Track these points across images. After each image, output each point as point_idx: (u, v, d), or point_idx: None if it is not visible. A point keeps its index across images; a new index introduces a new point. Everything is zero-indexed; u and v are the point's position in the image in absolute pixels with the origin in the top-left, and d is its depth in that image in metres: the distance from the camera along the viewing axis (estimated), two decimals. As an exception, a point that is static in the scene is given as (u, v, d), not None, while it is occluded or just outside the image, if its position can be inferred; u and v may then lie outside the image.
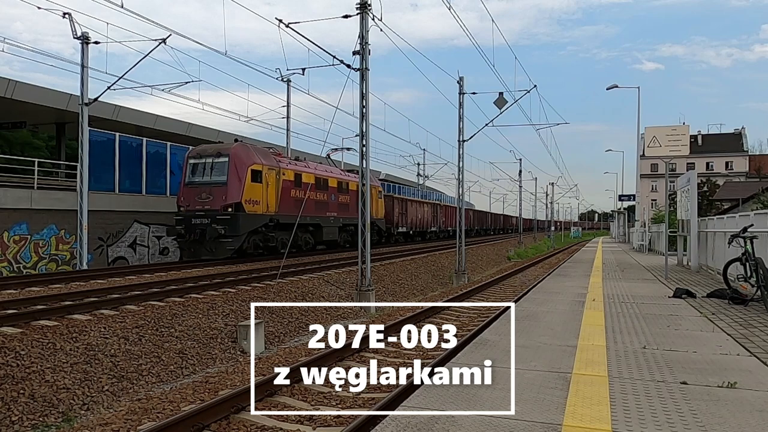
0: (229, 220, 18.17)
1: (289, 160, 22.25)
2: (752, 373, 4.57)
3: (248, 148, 19.97)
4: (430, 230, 42.25)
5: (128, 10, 14.11)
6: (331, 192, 24.57)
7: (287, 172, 21.33)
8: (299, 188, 21.96)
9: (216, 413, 6.18)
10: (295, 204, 20.91)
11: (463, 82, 23.41)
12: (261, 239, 20.00)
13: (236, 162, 18.88)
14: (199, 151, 19.79)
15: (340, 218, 25.27)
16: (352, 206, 25.75)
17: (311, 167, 23.67)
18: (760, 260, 8.32)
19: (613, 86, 33.20)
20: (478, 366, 4.81)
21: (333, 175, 25.41)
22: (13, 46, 52.74)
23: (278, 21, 14.43)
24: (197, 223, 18.20)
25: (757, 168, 73.21)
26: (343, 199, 25.73)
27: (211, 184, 18.81)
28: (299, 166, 22.63)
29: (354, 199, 25.51)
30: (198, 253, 18.49)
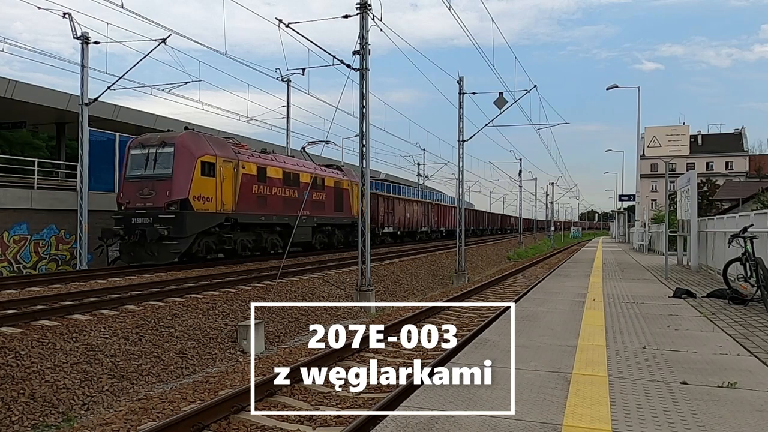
0: (173, 219, 16.04)
1: (251, 152, 19.91)
2: (752, 373, 4.57)
3: (199, 137, 17.65)
4: (421, 230, 40.54)
5: (128, 10, 14.13)
6: (303, 188, 21.89)
7: (248, 165, 18.96)
8: (263, 183, 19.71)
9: (216, 413, 6.18)
10: (258, 201, 19.20)
11: (463, 82, 23.41)
12: (215, 241, 17.82)
13: (183, 152, 16.64)
14: (142, 141, 17.41)
15: (313, 218, 23.20)
16: (329, 204, 24.42)
17: (279, 160, 21.35)
18: (760, 260, 8.32)
19: (613, 86, 33.21)
20: (478, 366, 4.81)
21: (306, 170, 23.01)
22: (13, 46, 52.75)
23: (278, 21, 14.44)
24: (138, 222, 16.10)
25: (757, 168, 73.23)
26: (318, 197, 23.57)
27: (154, 178, 16.55)
28: (264, 159, 20.24)
29: (331, 196, 24.34)
30: (139, 257, 16.30)
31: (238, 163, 18.50)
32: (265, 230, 20.28)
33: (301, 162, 23.36)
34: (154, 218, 16.00)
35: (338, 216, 25.58)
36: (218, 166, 17.50)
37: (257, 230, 19.81)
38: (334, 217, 24.97)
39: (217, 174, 17.47)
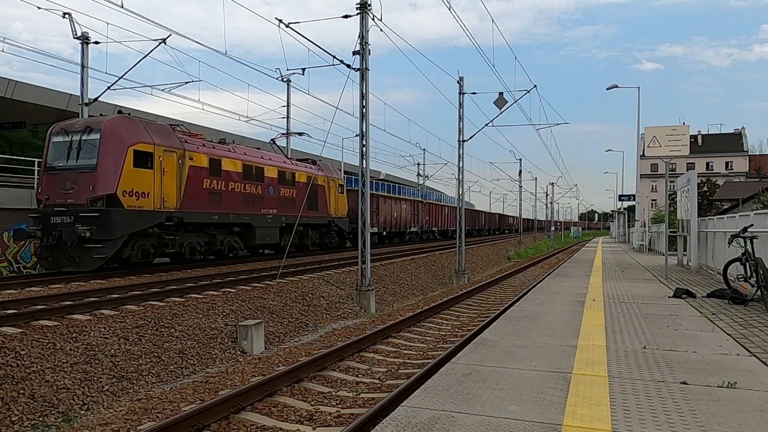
0: (97, 218, 13.68)
1: (203, 141, 17.55)
2: (752, 373, 4.57)
3: (132, 122, 15.10)
4: (410, 230, 38.05)
5: (128, 10, 14.13)
6: (268, 184, 20.06)
7: (197, 157, 16.66)
8: (217, 178, 17.46)
9: (216, 413, 6.18)
10: (211, 198, 17.07)
11: (463, 82, 23.42)
12: (155, 244, 15.57)
13: (111, 140, 14.19)
14: (65, 126, 15.01)
15: (281, 216, 20.84)
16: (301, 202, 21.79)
17: (238, 152, 19.00)
18: (760, 260, 8.33)
19: (613, 86, 33.22)
20: (478, 366, 4.82)
21: (272, 163, 20.67)
22: (13, 46, 52.76)
23: (278, 21, 14.44)
24: (57, 222, 13.80)
25: (757, 168, 73.25)
26: (287, 193, 21.34)
27: (76, 170, 14.21)
28: (219, 150, 17.92)
29: (302, 193, 21.94)
30: (58, 262, 13.98)
31: (184, 153, 16.10)
32: (221, 231, 17.99)
33: (266, 155, 20.98)
34: (75, 217, 13.70)
35: (312, 215, 23.40)
36: (157, 157, 15.14)
37: (210, 231, 17.57)
38: (307, 216, 22.50)
39: (156, 166, 15.11)
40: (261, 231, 19.75)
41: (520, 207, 59.27)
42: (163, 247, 15.83)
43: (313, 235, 24.13)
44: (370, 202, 30.05)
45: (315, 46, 19.08)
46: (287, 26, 14.59)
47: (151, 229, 15.12)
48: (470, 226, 55.10)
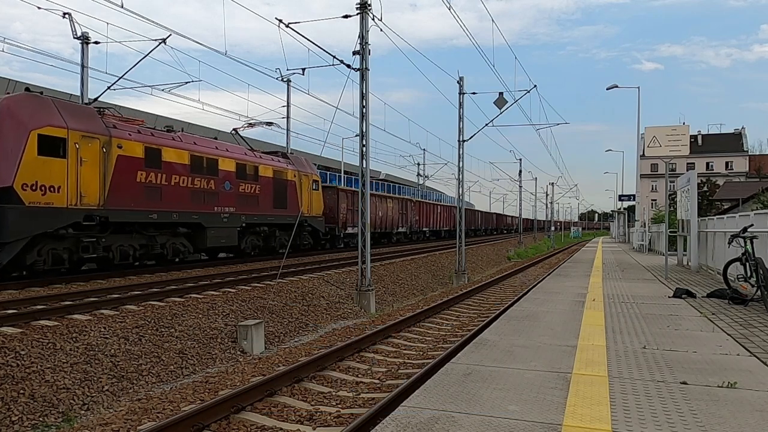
0: None
1: (139, 127, 15.36)
2: (752, 373, 4.57)
3: (40, 103, 12.71)
4: (397, 231, 35.44)
5: (128, 10, 14.12)
6: (224, 178, 17.87)
7: (129, 145, 14.36)
8: (156, 170, 15.24)
9: (216, 413, 6.18)
10: (147, 194, 14.96)
11: (463, 82, 23.42)
12: (70, 248, 13.23)
13: (7, 122, 12.01)
14: None
15: (240, 215, 18.64)
16: (266, 199, 20.06)
17: (185, 141, 16.69)
18: (760, 260, 8.33)
19: (613, 86, 33.23)
20: (478, 366, 4.82)
21: (229, 155, 18.32)
22: (13, 46, 52.79)
23: (278, 21, 14.44)
24: None
25: (757, 168, 73.27)
26: (248, 189, 19.18)
27: None
28: (158, 138, 15.60)
29: (269, 189, 20.29)
30: None
31: (111, 140, 13.73)
32: (162, 232, 15.86)
33: (223, 145, 18.58)
34: None
35: (280, 213, 21.08)
36: (72, 144, 12.90)
37: (148, 232, 15.39)
38: (273, 214, 20.53)
39: (71, 154, 12.88)
40: (214, 232, 17.46)
41: (520, 207, 59.33)
42: (82, 252, 13.38)
43: (282, 236, 21.67)
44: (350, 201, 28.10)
45: (315, 46, 19.08)
46: (287, 26, 14.59)
47: (64, 230, 12.83)
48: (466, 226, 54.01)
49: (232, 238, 18.42)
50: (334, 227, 26.82)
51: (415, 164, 54.81)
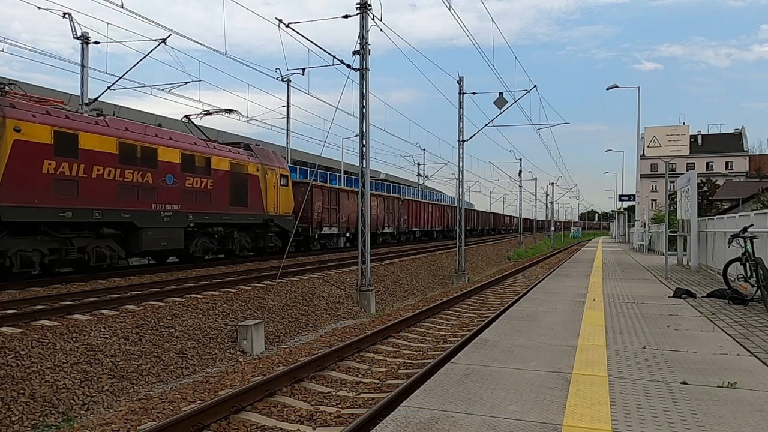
0: None
1: (49, 107, 12.90)
2: (752, 373, 4.57)
3: None
4: (383, 231, 32.59)
5: (128, 10, 14.12)
6: (165, 170, 15.39)
7: (31, 129, 11.93)
8: (71, 159, 12.78)
9: (216, 413, 6.18)
10: (58, 188, 12.48)
11: (463, 82, 23.42)
12: None
13: None
14: None
15: (187, 214, 16.13)
16: (221, 196, 17.54)
17: (113, 126, 14.16)
18: (760, 260, 8.33)
19: (613, 86, 33.24)
20: (478, 366, 4.82)
21: (172, 144, 15.72)
22: (13, 46, 52.78)
23: (278, 21, 14.44)
24: None
25: (757, 168, 73.29)
26: (198, 184, 16.64)
27: None
28: (76, 122, 13.09)
29: (225, 185, 17.83)
30: None
31: (5, 122, 11.47)
32: (81, 233, 13.35)
33: (165, 133, 15.99)
34: None
35: (239, 212, 18.61)
36: None
37: (62, 233, 12.89)
38: (230, 213, 18.09)
39: None
40: (152, 233, 14.89)
41: (520, 207, 59.34)
42: None
43: (242, 237, 19.33)
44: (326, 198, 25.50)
45: (315, 46, 19.05)
46: (287, 26, 14.59)
47: None
48: None
49: (175, 240, 15.82)
50: (308, 227, 23.97)
51: (415, 164, 54.87)
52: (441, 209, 46.24)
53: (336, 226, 26.52)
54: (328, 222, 25.76)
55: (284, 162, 22.57)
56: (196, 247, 17.13)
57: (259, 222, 19.83)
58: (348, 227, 27.62)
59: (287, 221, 21.27)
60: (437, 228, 44.75)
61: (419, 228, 40.10)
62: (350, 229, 27.77)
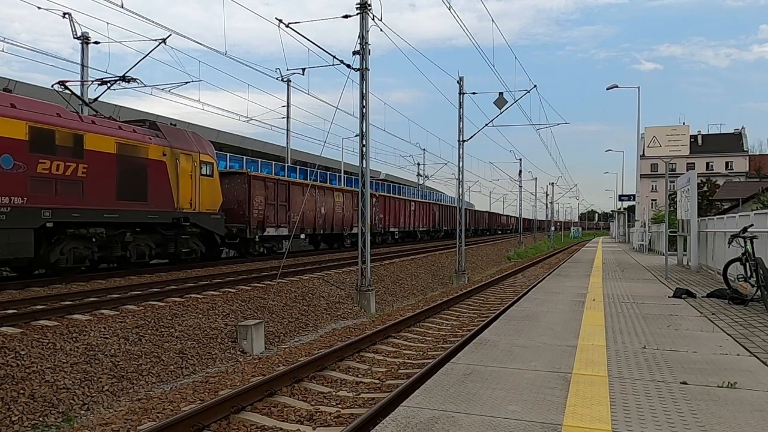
0: None
1: None
2: (752, 373, 4.57)
3: None
4: (351, 232, 28.01)
5: (128, 10, 14.12)
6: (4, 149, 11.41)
7: None
8: None
9: (216, 413, 6.18)
10: None
11: (463, 82, 23.42)
12: None
13: None
14: None
15: (40, 210, 12.16)
16: (101, 186, 13.68)
17: None
18: (760, 260, 8.33)
19: (613, 86, 33.24)
20: (478, 366, 4.82)
21: (13, 114, 11.63)
22: (13, 46, 52.81)
23: (278, 21, 14.43)
24: None
25: (757, 168, 73.30)
26: (62, 170, 12.69)
27: None
28: None
29: (109, 171, 13.92)
30: None
31: None
32: None
33: (4, 98, 11.83)
34: None
35: (133, 208, 14.71)
36: None
37: None
38: (117, 209, 14.16)
39: None
40: None
41: (520, 207, 59.35)
42: None
43: (141, 241, 15.34)
44: (270, 192, 20.60)
45: (315, 46, 19.03)
46: (287, 26, 14.59)
47: None
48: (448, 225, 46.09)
49: (20, 246, 11.64)
50: (245, 228, 19.29)
51: (415, 164, 54.87)
52: (426, 207, 42.04)
53: (285, 226, 21.82)
54: (274, 221, 21.13)
55: (209, 146, 17.96)
56: (62, 254, 13.00)
57: (168, 221, 15.76)
58: (304, 226, 23.31)
59: (212, 220, 17.16)
60: (421, 228, 40.60)
61: (399, 228, 35.51)
62: (310, 229, 24.07)
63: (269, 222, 20.97)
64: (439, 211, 44.86)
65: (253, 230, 20.00)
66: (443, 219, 45.39)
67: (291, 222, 22.00)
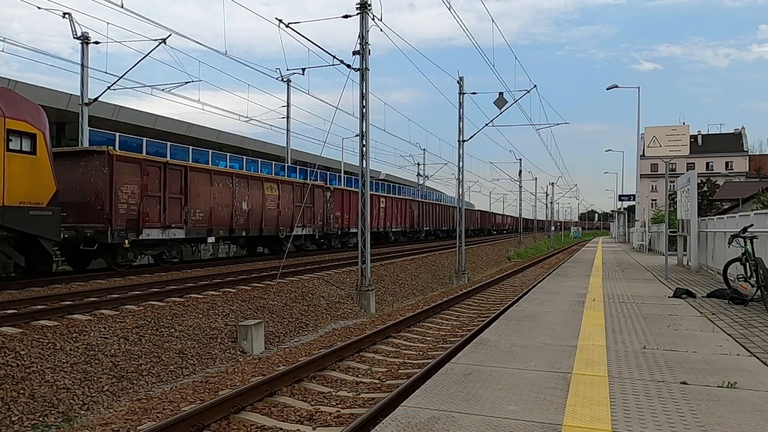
0: None
1: None
2: (752, 373, 4.57)
3: None
4: (289, 234, 19.93)
5: (128, 10, 14.13)
6: None
7: None
8: None
9: (216, 413, 6.18)
10: None
11: (463, 82, 23.43)
12: None
13: None
14: None
15: None
16: None
17: None
18: (760, 260, 8.33)
19: (613, 86, 33.23)
20: (478, 366, 4.82)
21: None
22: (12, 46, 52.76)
23: (278, 21, 14.43)
24: None
25: (757, 168, 73.33)
26: None
27: None
28: None
29: None
30: None
31: None
32: None
33: None
34: None
35: None
36: None
37: None
38: None
39: None
40: None
41: (520, 207, 59.33)
42: None
43: None
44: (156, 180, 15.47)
45: (315, 46, 19.03)
46: (287, 26, 14.59)
47: None
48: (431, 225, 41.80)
49: None
50: (105, 230, 14.06)
51: (415, 164, 54.84)
52: (401, 204, 35.99)
53: (187, 225, 16.75)
54: (158, 220, 15.90)
55: (29, 109, 12.05)
56: None
57: None
58: (212, 227, 17.92)
59: (31, 219, 11.64)
60: (396, 228, 34.80)
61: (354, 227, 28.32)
62: (218, 230, 18.31)
63: (150, 221, 15.46)
64: (419, 209, 39.45)
65: (119, 233, 14.43)
66: (424, 218, 40.34)
67: (190, 221, 16.89)
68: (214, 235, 18.30)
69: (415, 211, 38.77)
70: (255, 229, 20.35)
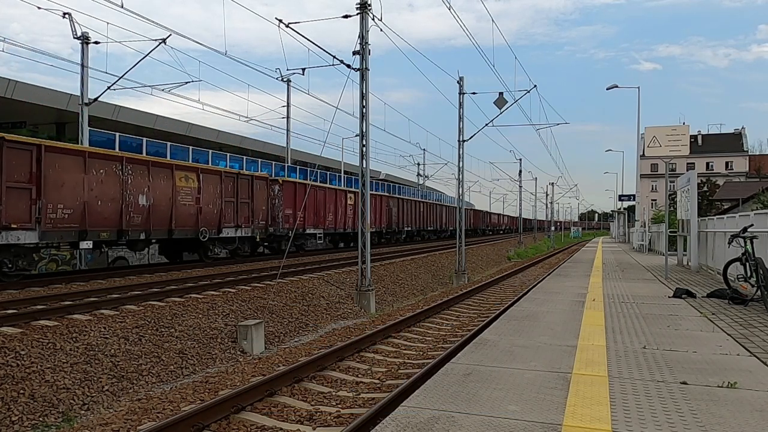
0: None
1: None
2: (752, 373, 4.57)
3: None
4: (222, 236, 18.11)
5: (128, 10, 14.12)
6: None
7: None
8: None
9: (216, 413, 6.18)
10: None
11: (463, 82, 23.42)
12: None
13: None
14: None
15: None
16: None
17: None
18: (760, 260, 8.32)
19: (613, 86, 33.22)
20: (478, 366, 4.82)
21: None
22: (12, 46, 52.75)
23: (278, 21, 14.43)
24: None
25: (757, 168, 73.32)
26: None
27: None
28: None
29: None
30: None
31: None
32: None
33: None
34: None
35: None
36: None
37: None
38: None
39: None
40: None
41: (520, 207, 59.34)
42: None
43: None
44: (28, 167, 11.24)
45: (315, 46, 18.99)
46: (287, 26, 14.59)
47: None
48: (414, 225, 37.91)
49: None
50: None
51: (415, 164, 54.85)
52: (378, 201, 31.50)
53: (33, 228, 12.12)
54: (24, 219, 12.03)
55: None
56: None
57: None
58: (87, 228, 13.46)
59: None
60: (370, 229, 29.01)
61: (325, 229, 25.43)
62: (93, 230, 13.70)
63: (19, 219, 11.89)
64: (398, 207, 34.69)
65: None
66: (405, 217, 35.71)
67: (47, 220, 12.51)
68: (92, 238, 13.74)
69: (393, 209, 34.10)
70: (161, 230, 15.77)
